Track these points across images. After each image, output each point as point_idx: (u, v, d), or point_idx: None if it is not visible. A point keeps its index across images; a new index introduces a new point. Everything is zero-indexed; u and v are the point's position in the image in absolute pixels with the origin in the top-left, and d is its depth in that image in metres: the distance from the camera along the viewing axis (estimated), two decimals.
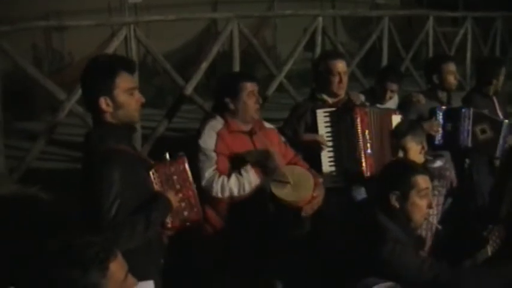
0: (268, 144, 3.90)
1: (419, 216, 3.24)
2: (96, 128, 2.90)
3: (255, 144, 3.87)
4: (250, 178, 3.70)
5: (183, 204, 3.07)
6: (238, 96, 3.83)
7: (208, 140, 3.74)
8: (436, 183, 3.98)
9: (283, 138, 4.12)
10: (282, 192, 3.69)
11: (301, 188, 3.75)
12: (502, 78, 5.46)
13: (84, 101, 3.01)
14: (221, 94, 3.90)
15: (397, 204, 3.19)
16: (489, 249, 3.43)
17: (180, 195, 3.06)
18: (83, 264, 1.84)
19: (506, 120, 5.03)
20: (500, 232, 3.47)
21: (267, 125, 4.08)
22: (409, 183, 3.20)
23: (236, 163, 3.76)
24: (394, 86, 5.39)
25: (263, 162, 3.75)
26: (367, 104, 4.71)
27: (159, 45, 7.31)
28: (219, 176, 3.67)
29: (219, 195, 3.66)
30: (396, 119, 4.37)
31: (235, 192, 3.67)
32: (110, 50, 6.37)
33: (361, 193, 4.18)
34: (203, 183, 3.63)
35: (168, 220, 2.99)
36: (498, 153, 4.87)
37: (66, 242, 1.91)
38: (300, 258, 3.98)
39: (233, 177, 3.69)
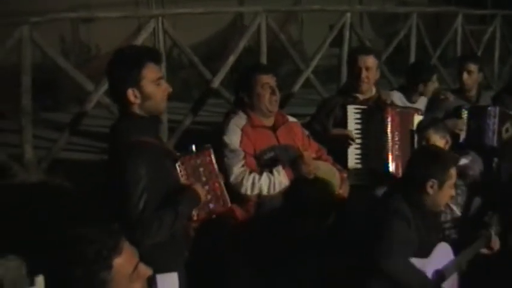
0: (292, 139, 3.87)
1: (441, 204, 3.39)
2: (122, 120, 2.89)
3: (278, 139, 3.84)
4: (282, 179, 3.65)
5: (209, 197, 3.07)
6: (252, 90, 3.78)
7: (234, 137, 3.71)
8: (459, 182, 3.96)
9: (306, 132, 4.08)
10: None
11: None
12: None
13: (111, 93, 3.01)
14: (238, 88, 3.89)
15: (431, 191, 3.27)
16: (492, 232, 3.54)
17: (207, 187, 3.06)
18: (86, 265, 1.81)
19: None
20: (500, 218, 3.61)
21: (290, 118, 4.04)
22: (448, 174, 3.31)
23: (264, 160, 3.72)
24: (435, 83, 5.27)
25: (296, 166, 3.69)
26: (404, 99, 4.68)
27: (184, 38, 7.31)
28: (250, 173, 3.62)
29: (248, 192, 3.60)
30: (418, 119, 4.31)
31: (265, 191, 3.62)
32: (138, 42, 6.39)
33: None
34: (232, 179, 3.58)
35: (194, 213, 2.99)
36: None
37: (68, 241, 1.88)
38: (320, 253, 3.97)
39: (264, 176, 3.63)
